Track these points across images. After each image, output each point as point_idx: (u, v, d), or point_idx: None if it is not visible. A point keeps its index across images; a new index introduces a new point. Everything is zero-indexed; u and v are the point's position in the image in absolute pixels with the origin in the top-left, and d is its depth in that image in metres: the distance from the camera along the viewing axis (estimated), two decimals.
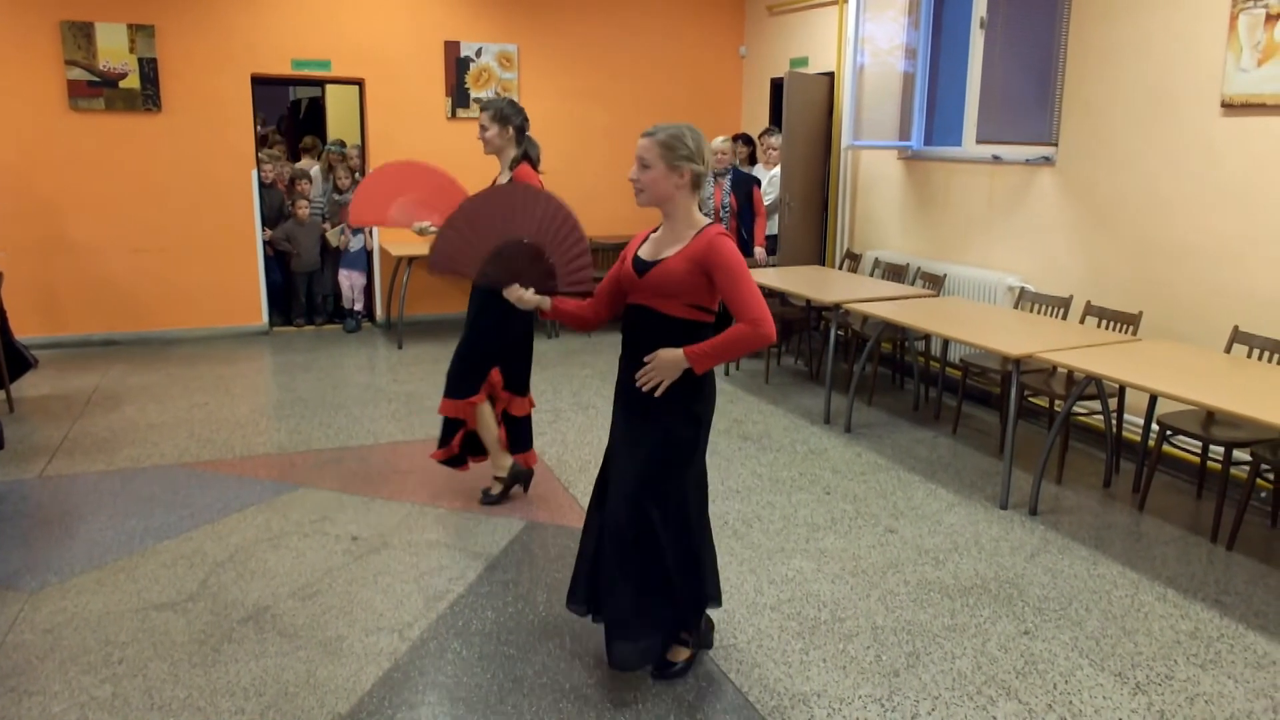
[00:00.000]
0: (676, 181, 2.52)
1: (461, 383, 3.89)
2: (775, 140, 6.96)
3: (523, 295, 2.73)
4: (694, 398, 2.57)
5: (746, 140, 7.19)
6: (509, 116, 3.77)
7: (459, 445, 4.01)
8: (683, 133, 2.52)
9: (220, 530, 3.80)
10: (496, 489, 4.07)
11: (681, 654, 2.80)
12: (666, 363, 2.49)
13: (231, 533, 3.78)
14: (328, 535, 3.77)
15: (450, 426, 3.98)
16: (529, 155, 3.82)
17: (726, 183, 6.32)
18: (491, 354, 3.87)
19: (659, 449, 2.58)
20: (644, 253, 2.61)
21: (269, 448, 4.78)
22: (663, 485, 2.60)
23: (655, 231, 2.65)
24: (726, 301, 2.49)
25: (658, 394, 2.52)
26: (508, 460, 4.05)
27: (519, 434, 4.07)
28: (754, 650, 2.94)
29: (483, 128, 3.77)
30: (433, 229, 3.85)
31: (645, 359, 2.52)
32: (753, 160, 7.21)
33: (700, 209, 2.73)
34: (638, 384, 2.53)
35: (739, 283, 2.45)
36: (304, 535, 3.76)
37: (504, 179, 3.81)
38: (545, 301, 2.74)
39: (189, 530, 3.79)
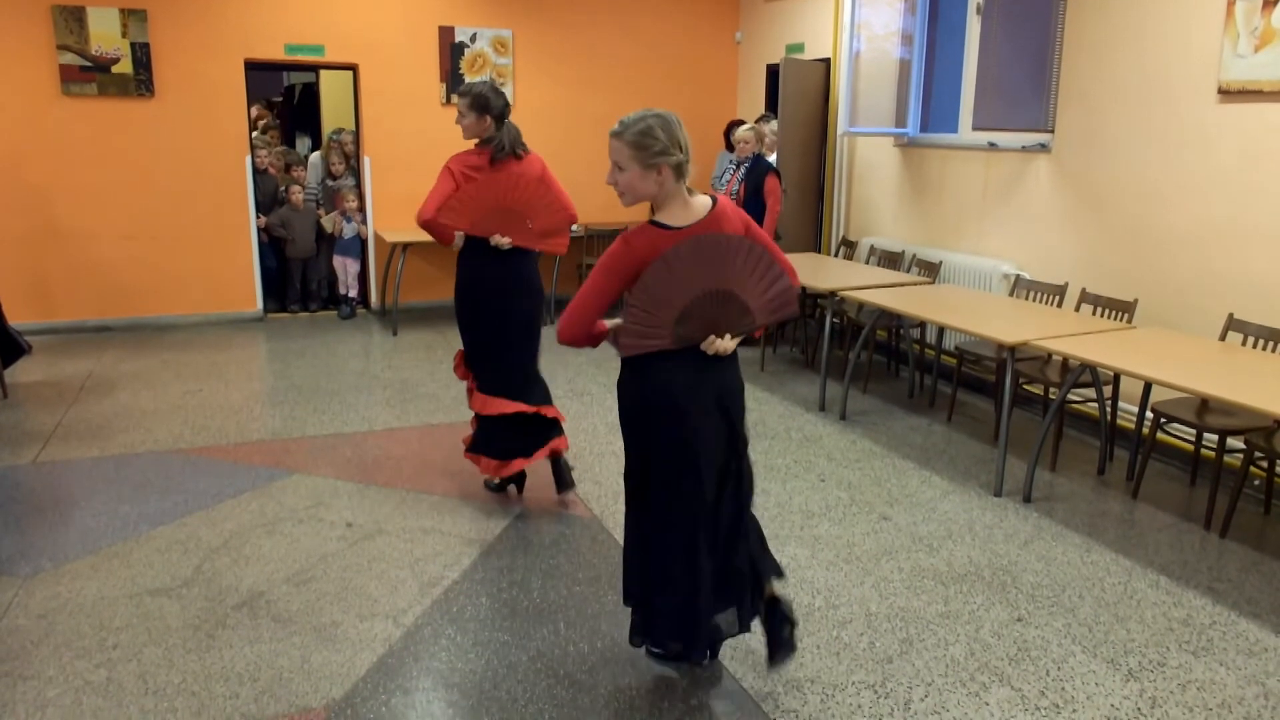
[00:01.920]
0: (656, 179, 2.33)
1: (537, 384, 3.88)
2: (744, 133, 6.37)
3: (724, 346, 2.41)
4: (628, 388, 2.51)
5: (767, 120, 6.95)
6: (489, 104, 3.59)
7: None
8: (650, 127, 2.30)
9: (214, 516, 3.80)
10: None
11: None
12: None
13: (226, 519, 3.77)
14: (322, 521, 3.76)
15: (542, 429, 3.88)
16: (509, 147, 3.64)
17: (743, 171, 6.22)
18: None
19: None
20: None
21: (263, 434, 4.78)
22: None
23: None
24: None
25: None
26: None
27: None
28: (748, 636, 2.94)
29: (460, 114, 3.61)
30: (507, 243, 3.68)
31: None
32: (729, 148, 7.04)
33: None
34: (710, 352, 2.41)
35: (763, 240, 2.45)
36: (298, 521, 3.76)
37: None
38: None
39: (183, 516, 3.79)
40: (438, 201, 3.57)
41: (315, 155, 8.08)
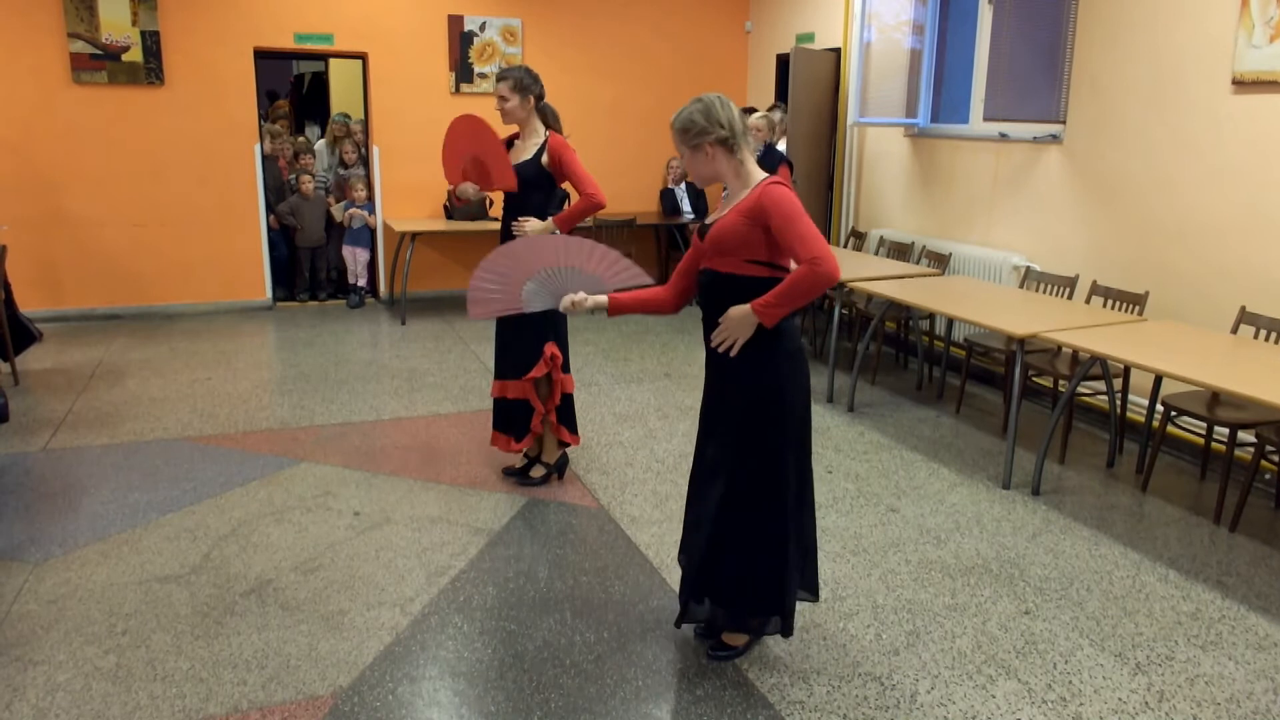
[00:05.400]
0: (705, 158, 2.52)
1: (522, 360, 3.83)
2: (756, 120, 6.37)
3: (577, 300, 2.67)
4: (770, 358, 2.50)
5: (777, 110, 6.91)
6: (528, 86, 3.69)
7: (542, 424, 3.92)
8: (691, 112, 2.50)
9: (223, 504, 3.81)
10: (540, 472, 4.06)
11: (737, 639, 2.80)
12: (735, 321, 2.46)
13: (234, 506, 3.79)
14: (330, 510, 3.78)
15: (513, 410, 3.89)
16: (549, 124, 3.76)
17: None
18: (546, 326, 3.80)
19: (731, 435, 2.56)
20: (710, 219, 2.59)
21: (272, 423, 4.79)
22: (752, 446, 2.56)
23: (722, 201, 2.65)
24: (784, 247, 2.41)
25: (733, 353, 2.49)
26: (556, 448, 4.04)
27: (569, 414, 4.04)
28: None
29: (502, 98, 3.68)
30: (473, 191, 3.84)
31: (719, 320, 2.50)
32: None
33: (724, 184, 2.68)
34: (713, 345, 2.53)
35: (792, 224, 2.37)
36: (306, 510, 3.77)
37: (531, 148, 3.75)
38: (603, 300, 2.67)
39: (192, 504, 3.81)
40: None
41: (321, 143, 8.08)
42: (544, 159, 3.71)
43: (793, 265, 2.46)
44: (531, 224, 3.68)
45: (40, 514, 3.70)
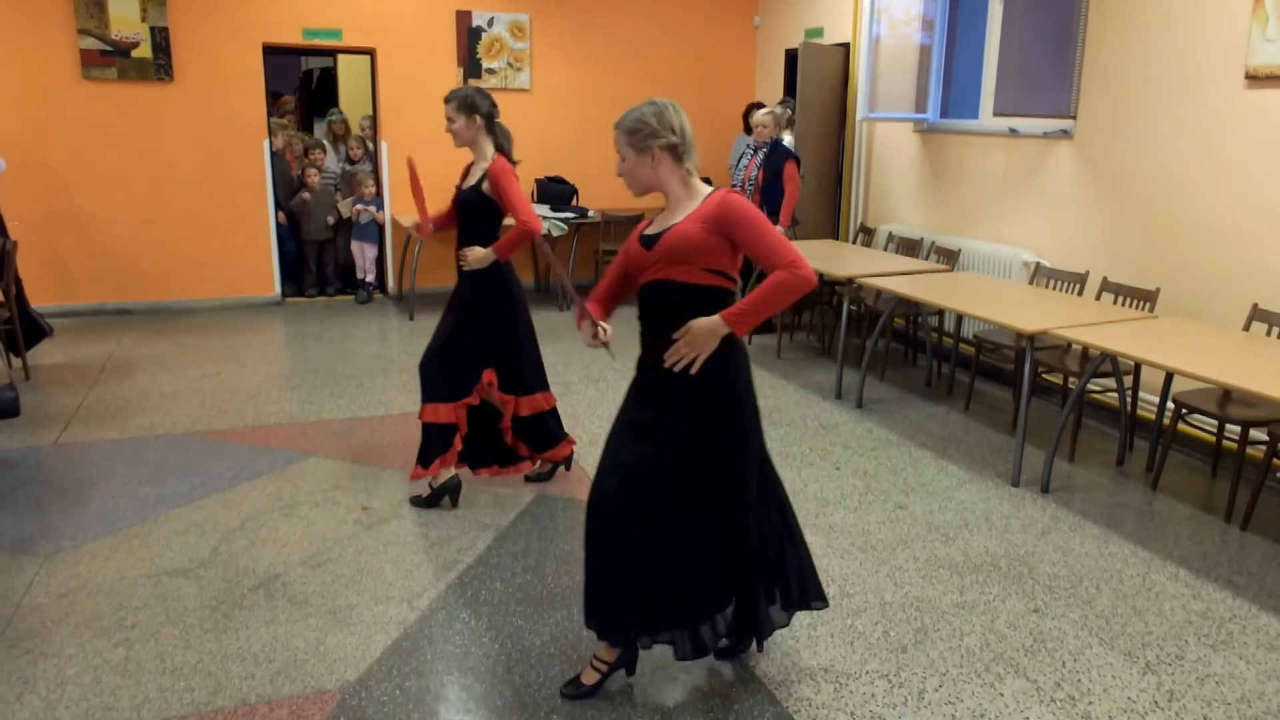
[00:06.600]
0: (651, 164, 2.38)
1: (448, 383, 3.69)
2: (763, 117, 6.33)
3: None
4: (729, 377, 2.39)
5: (786, 106, 6.93)
6: (475, 105, 3.53)
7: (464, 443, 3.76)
8: (643, 113, 2.37)
9: (232, 498, 3.82)
10: (425, 493, 3.81)
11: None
12: (700, 333, 2.30)
13: (243, 501, 3.80)
14: (338, 505, 3.78)
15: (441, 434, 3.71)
16: (502, 147, 3.61)
17: (761, 156, 6.19)
18: (483, 351, 3.70)
19: (689, 448, 2.40)
20: (651, 230, 2.46)
21: (280, 417, 4.80)
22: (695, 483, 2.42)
23: (660, 214, 2.50)
24: (754, 256, 2.32)
25: (694, 370, 2.33)
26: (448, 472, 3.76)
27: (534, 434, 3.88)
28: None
29: (449, 119, 3.53)
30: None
31: (675, 335, 2.34)
32: (748, 131, 7.02)
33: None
34: (667, 364, 2.35)
35: (762, 232, 2.30)
36: (315, 504, 3.78)
37: (478, 172, 3.62)
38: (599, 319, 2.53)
39: (201, 498, 3.82)
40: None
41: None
42: (485, 185, 3.57)
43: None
44: (474, 253, 3.59)
45: (51, 507, 3.72)
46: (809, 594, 2.65)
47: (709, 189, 2.42)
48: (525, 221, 3.49)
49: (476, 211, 3.63)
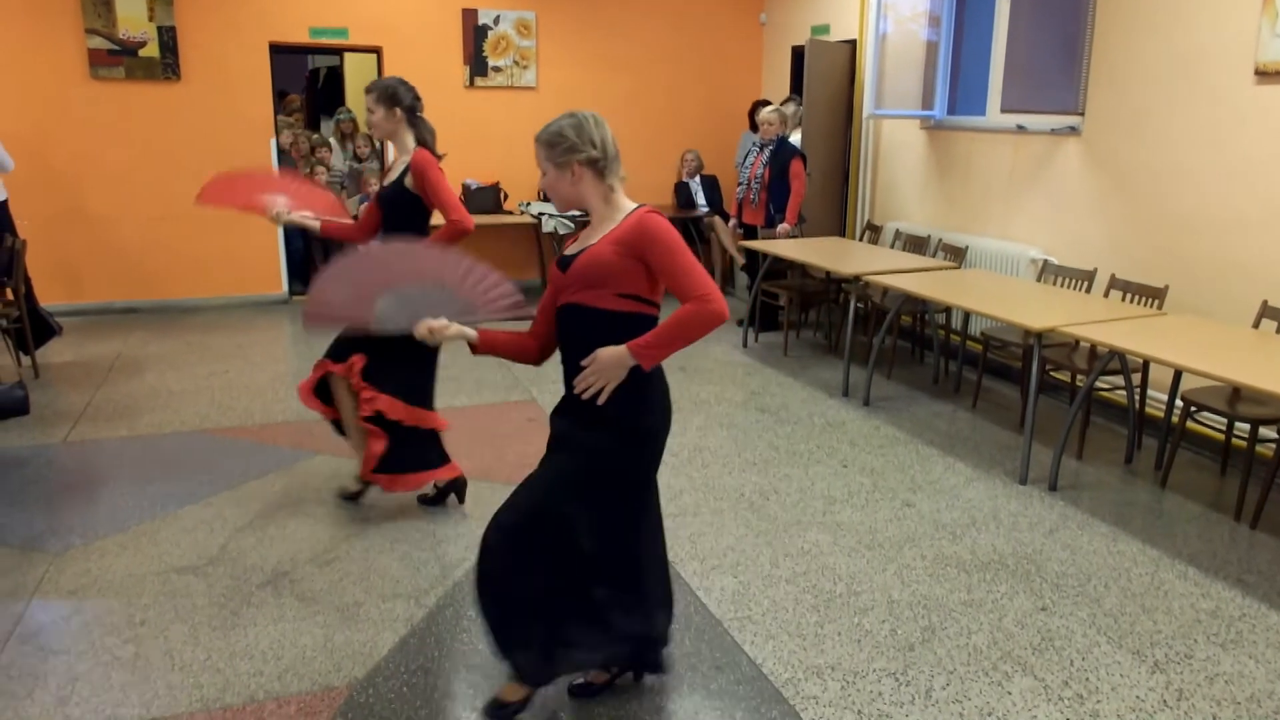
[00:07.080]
0: (570, 179, 2.25)
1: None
2: (768, 114, 6.33)
3: (436, 326, 2.31)
4: (640, 409, 2.27)
5: (792, 103, 6.93)
6: (398, 96, 3.38)
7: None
8: (561, 127, 2.23)
9: (240, 496, 3.83)
10: (431, 492, 3.74)
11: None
12: (606, 362, 2.16)
13: (251, 498, 3.81)
14: (346, 502, 3.79)
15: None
16: (425, 140, 3.45)
17: (766, 154, 6.19)
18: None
19: (591, 460, 2.29)
20: (570, 250, 2.32)
21: (288, 415, 4.82)
22: (589, 494, 2.31)
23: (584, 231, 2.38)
24: (667, 282, 2.18)
25: (600, 400, 2.20)
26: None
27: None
28: (769, 622, 2.94)
29: (369, 110, 3.39)
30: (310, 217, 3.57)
31: (582, 363, 2.20)
32: (754, 128, 7.00)
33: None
34: (576, 391, 2.22)
35: (676, 257, 2.15)
36: (322, 502, 3.79)
37: (399, 166, 3.46)
38: (470, 333, 2.33)
39: (209, 495, 3.83)
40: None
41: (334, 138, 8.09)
42: (408, 179, 3.39)
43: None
44: None
45: (61, 505, 3.74)
46: (647, 663, 2.57)
47: (631, 206, 2.28)
48: (457, 221, 3.31)
49: (400, 209, 3.43)
